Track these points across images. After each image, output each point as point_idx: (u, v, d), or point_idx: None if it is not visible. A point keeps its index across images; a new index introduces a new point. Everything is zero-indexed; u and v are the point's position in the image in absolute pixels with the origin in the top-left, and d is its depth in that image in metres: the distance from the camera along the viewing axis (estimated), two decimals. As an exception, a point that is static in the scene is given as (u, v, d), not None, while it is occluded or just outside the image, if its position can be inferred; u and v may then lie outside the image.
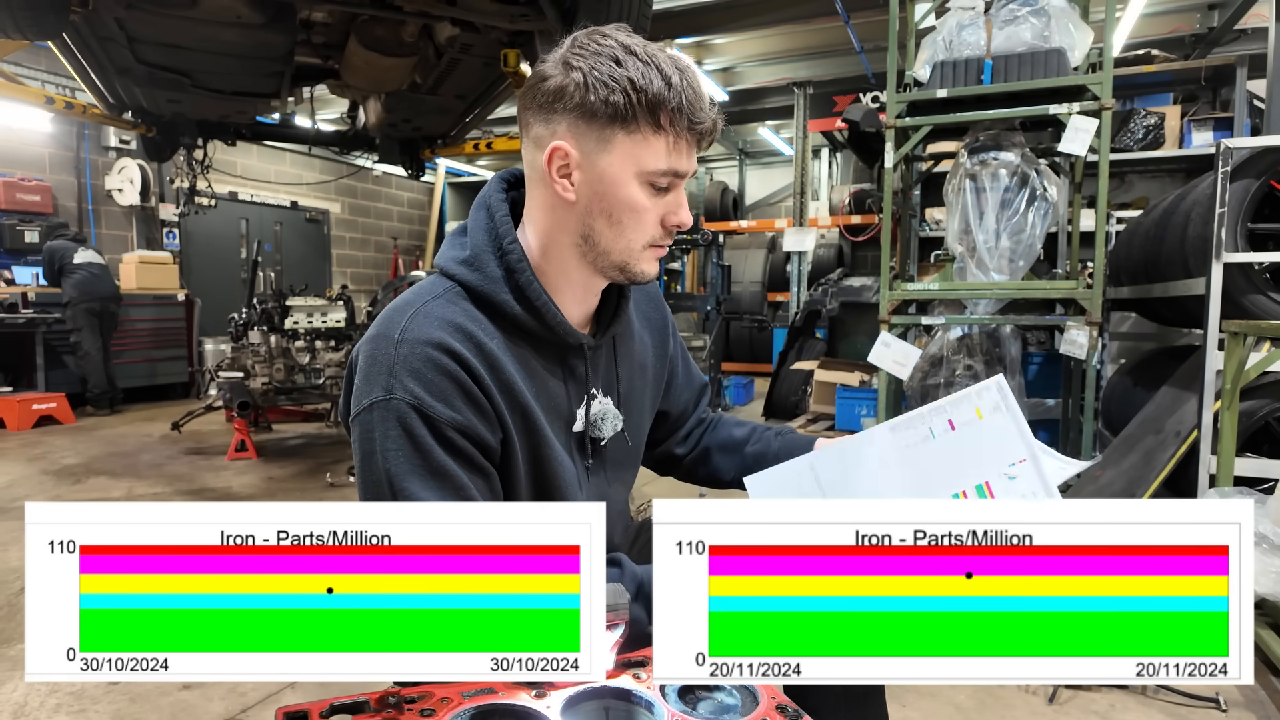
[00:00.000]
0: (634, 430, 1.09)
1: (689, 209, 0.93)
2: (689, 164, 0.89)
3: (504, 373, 0.90)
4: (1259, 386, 2.54)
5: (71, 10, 3.10)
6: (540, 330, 0.94)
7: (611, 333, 1.02)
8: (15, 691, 1.95)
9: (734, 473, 1.20)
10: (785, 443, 1.17)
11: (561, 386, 0.98)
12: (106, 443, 5.30)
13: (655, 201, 0.89)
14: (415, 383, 0.85)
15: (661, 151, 0.87)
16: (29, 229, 6.67)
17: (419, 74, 4.29)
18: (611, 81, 0.84)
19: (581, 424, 1.00)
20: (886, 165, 3.64)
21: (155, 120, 5.05)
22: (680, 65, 0.86)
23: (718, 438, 1.24)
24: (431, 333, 0.87)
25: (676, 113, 0.85)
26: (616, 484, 1.10)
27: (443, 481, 0.86)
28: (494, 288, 0.92)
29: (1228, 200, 2.43)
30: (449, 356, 0.86)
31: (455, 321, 0.89)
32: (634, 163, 0.86)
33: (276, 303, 5.25)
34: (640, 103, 0.84)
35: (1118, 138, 4.96)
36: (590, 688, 0.76)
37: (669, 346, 1.19)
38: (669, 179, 0.88)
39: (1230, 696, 1.92)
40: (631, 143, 0.86)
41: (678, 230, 0.93)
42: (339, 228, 10.45)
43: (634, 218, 0.89)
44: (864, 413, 5.05)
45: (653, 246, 0.92)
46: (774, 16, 5.93)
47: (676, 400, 1.23)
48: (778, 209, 10.77)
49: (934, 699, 1.95)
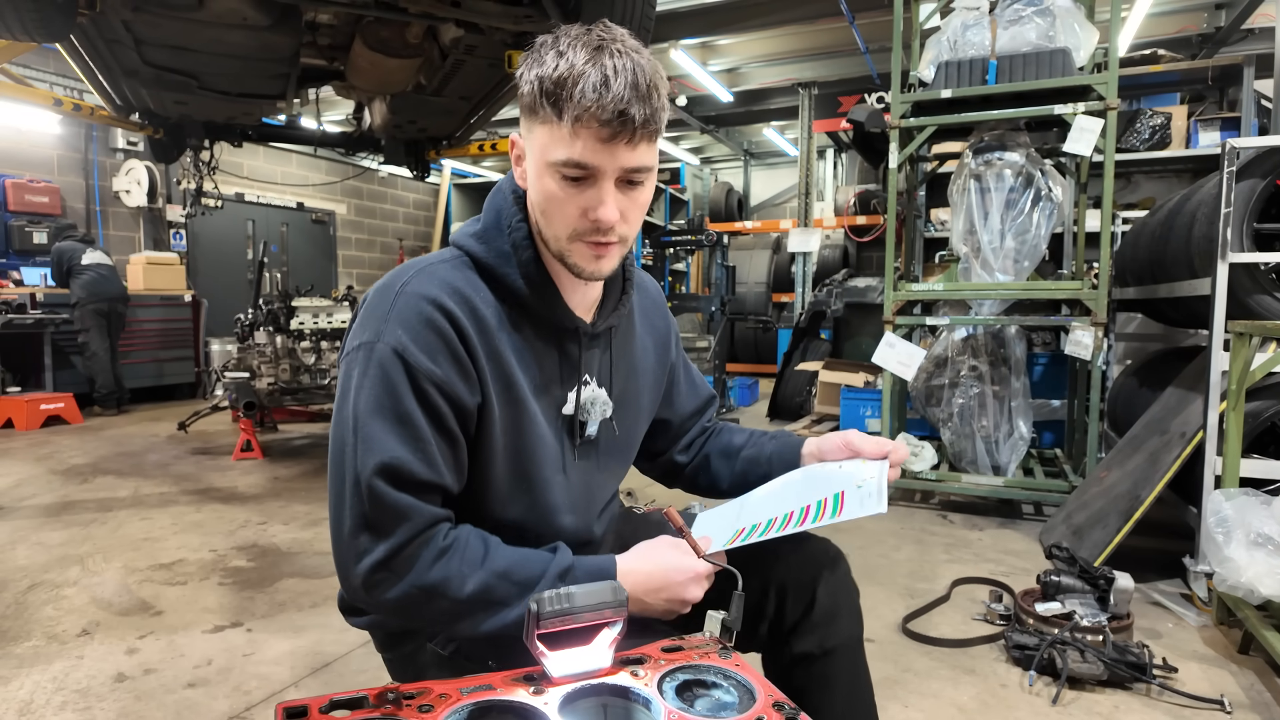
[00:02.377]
0: (624, 424, 1.10)
1: (612, 206, 0.87)
2: (599, 158, 0.84)
3: (494, 340, 0.93)
4: (1265, 387, 2.52)
5: (79, 13, 3.11)
6: (538, 308, 0.96)
7: (609, 323, 1.04)
8: (21, 689, 1.96)
9: (730, 479, 1.22)
10: (779, 445, 1.18)
11: (555, 368, 1.00)
12: (113, 442, 5.33)
13: (571, 193, 0.87)
14: (404, 332, 0.88)
15: (562, 141, 0.85)
16: (37, 230, 6.71)
17: (424, 75, 4.30)
18: (530, 74, 0.87)
19: (571, 407, 1.02)
20: (891, 166, 3.64)
21: (162, 122, 5.07)
22: (612, 55, 0.83)
23: (718, 444, 1.25)
24: (430, 290, 0.91)
25: (571, 101, 0.82)
26: (603, 473, 1.10)
27: (406, 429, 0.87)
28: (498, 261, 0.96)
29: (1233, 200, 2.42)
30: (441, 314, 0.90)
31: (455, 285, 0.93)
32: (543, 152, 0.88)
33: (282, 303, 5.27)
34: (541, 91, 0.85)
35: (1124, 138, 4.94)
36: (589, 685, 0.76)
37: (670, 354, 1.20)
38: (576, 170, 0.86)
39: (1235, 698, 1.91)
40: (543, 132, 0.87)
41: (598, 227, 0.88)
42: (345, 229, 10.48)
43: (553, 207, 0.89)
44: (868, 413, 5.04)
45: (583, 241, 0.90)
46: (779, 17, 5.93)
47: (677, 408, 1.25)
48: (783, 210, 10.76)
49: (936, 699, 1.94)
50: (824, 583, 1.04)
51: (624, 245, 0.94)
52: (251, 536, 3.25)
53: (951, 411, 3.79)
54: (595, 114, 0.82)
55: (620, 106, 0.82)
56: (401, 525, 0.86)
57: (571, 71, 0.82)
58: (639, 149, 0.86)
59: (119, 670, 2.07)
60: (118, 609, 2.49)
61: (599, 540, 1.14)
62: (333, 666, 2.12)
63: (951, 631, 2.33)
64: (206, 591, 2.64)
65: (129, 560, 2.94)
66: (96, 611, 2.47)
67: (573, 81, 0.82)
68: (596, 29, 0.86)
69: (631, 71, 0.82)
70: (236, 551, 3.06)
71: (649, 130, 0.85)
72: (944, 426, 3.86)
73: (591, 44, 0.84)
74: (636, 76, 0.83)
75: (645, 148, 0.87)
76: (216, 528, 3.37)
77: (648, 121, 0.84)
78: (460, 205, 11.59)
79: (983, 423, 3.71)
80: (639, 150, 0.86)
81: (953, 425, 3.79)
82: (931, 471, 3.72)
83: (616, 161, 0.85)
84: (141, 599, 2.57)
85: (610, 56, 0.83)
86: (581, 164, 0.85)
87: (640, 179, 0.89)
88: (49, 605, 2.51)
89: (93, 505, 3.72)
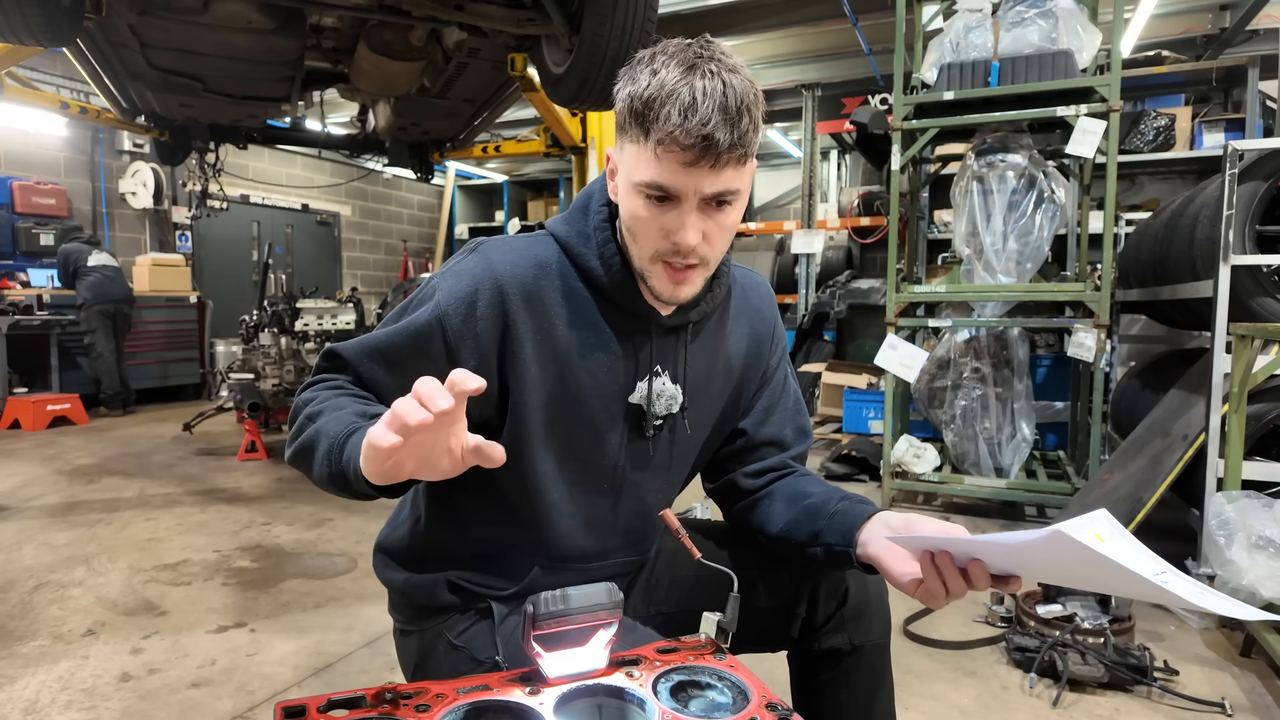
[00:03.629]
0: (696, 422, 1.06)
1: (693, 231, 0.86)
2: (680, 181, 0.83)
3: (551, 315, 0.96)
4: (1267, 390, 2.52)
5: (85, 17, 3.14)
6: (613, 293, 0.97)
7: (688, 318, 1.00)
8: (27, 689, 1.98)
9: (780, 525, 1.04)
10: (842, 508, 0.98)
11: (625, 354, 0.99)
12: (119, 443, 5.36)
13: (654, 213, 0.87)
14: (453, 283, 0.95)
15: (646, 162, 0.84)
16: (44, 232, 6.74)
17: (427, 78, 4.32)
18: (623, 91, 0.87)
19: (639, 396, 1.01)
20: (893, 167, 3.64)
21: (168, 124, 5.10)
22: (704, 75, 0.82)
23: (789, 485, 1.09)
24: (494, 256, 0.96)
25: (656, 123, 0.81)
26: (658, 471, 1.06)
27: (387, 348, 0.95)
28: (577, 241, 0.98)
29: (1235, 202, 2.41)
30: (489, 279, 0.94)
31: (525, 257, 0.97)
32: (630, 171, 0.88)
33: (287, 305, 5.30)
34: (630, 110, 0.85)
35: (1128, 139, 4.93)
36: (584, 685, 0.77)
37: (764, 361, 1.12)
38: (658, 192, 0.85)
39: (1236, 701, 1.91)
40: (631, 151, 0.87)
41: (678, 250, 0.87)
42: (349, 230, 10.51)
43: (637, 226, 0.90)
44: (871, 415, 5.04)
45: (664, 262, 0.89)
46: (782, 19, 5.93)
47: (757, 422, 1.12)
48: (786, 211, 10.75)
49: (937, 701, 1.94)
50: (855, 581, 1.05)
51: (706, 268, 0.92)
52: (255, 537, 3.27)
53: (954, 413, 3.79)
54: (678, 138, 0.80)
55: (704, 131, 0.80)
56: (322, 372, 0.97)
57: (660, 92, 0.81)
58: (724, 173, 0.84)
59: (124, 670, 2.08)
60: (123, 609, 2.51)
61: (638, 561, 1.13)
62: (335, 667, 2.13)
63: (952, 634, 2.33)
64: (211, 592, 2.66)
65: (134, 560, 2.96)
66: (102, 611, 2.48)
67: (660, 103, 0.81)
68: (696, 44, 0.85)
69: (721, 94, 0.80)
70: (240, 552, 3.08)
71: (735, 154, 0.83)
72: (947, 428, 3.86)
73: (685, 62, 0.82)
74: (726, 99, 0.81)
75: (732, 172, 0.84)
76: (221, 528, 3.38)
77: (734, 146, 0.82)
78: (464, 207, 11.62)
79: (985, 425, 3.71)
80: (724, 175, 0.84)
81: (955, 427, 3.79)
82: (934, 473, 3.72)
83: (699, 185, 0.84)
84: (146, 599, 2.59)
85: (701, 77, 0.81)
86: (663, 187, 0.84)
87: (727, 202, 0.87)
88: (55, 605, 2.52)
89: (98, 506, 3.74)
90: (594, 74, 3.12)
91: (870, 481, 4.27)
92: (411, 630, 1.09)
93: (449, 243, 11.60)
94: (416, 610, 1.07)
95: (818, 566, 1.02)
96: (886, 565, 0.87)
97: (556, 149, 5.32)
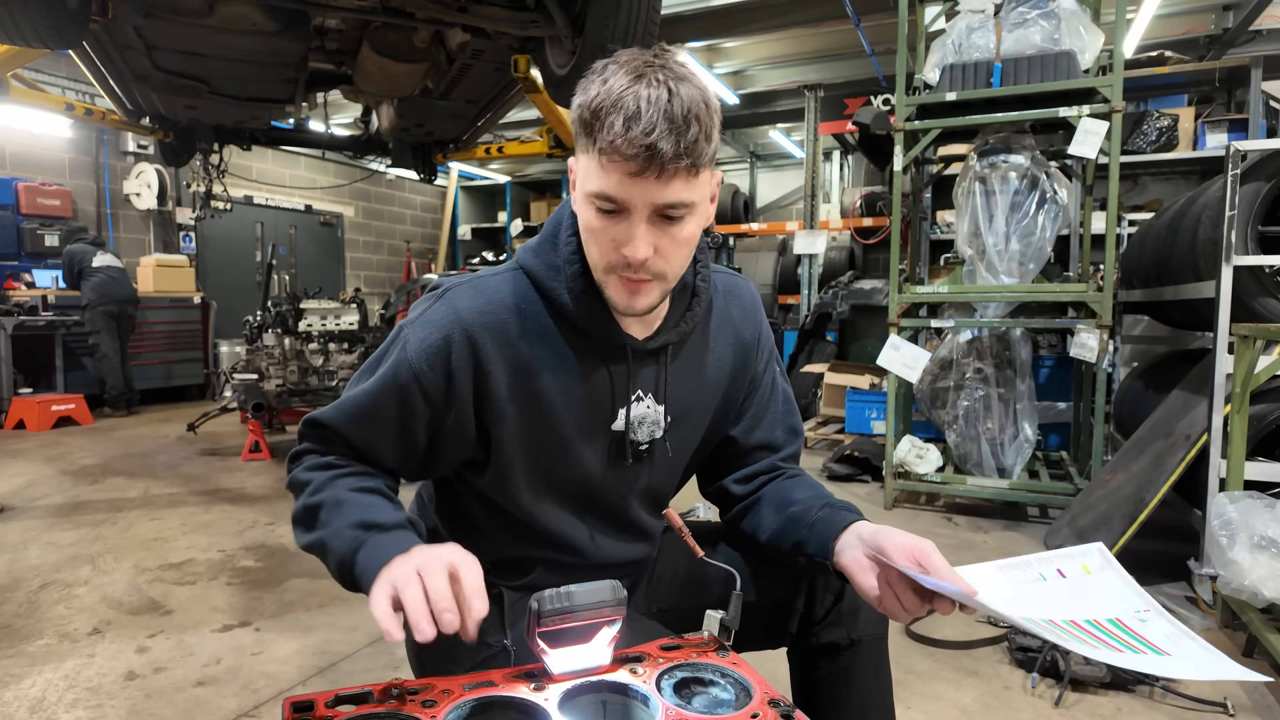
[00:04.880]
0: (680, 443, 1.06)
1: (642, 244, 0.83)
2: (626, 192, 0.81)
3: (524, 353, 0.95)
4: (1269, 390, 2.52)
5: (91, 19, 3.15)
6: (586, 323, 0.95)
7: (666, 340, 0.99)
8: (34, 687, 1.99)
9: (768, 533, 1.04)
10: (822, 517, 0.97)
11: (605, 383, 0.99)
12: (123, 443, 5.38)
13: (605, 225, 0.85)
14: (421, 331, 0.95)
15: (595, 172, 0.83)
16: (49, 233, 6.77)
17: (431, 79, 4.33)
18: (576, 100, 0.86)
19: (621, 423, 1.01)
20: (896, 168, 3.65)
21: (172, 126, 5.12)
22: (650, 83, 0.80)
23: (777, 491, 1.08)
24: (461, 303, 0.95)
25: (603, 132, 0.80)
26: (646, 491, 1.08)
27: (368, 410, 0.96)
28: (548, 274, 0.96)
29: (1238, 203, 2.41)
30: (459, 328, 0.94)
31: (495, 298, 0.96)
32: (583, 181, 0.87)
33: (291, 305, 5.31)
34: (581, 120, 0.84)
35: (1131, 139, 4.93)
36: (588, 682, 0.78)
37: (751, 366, 1.10)
38: (607, 203, 0.83)
39: (1239, 701, 1.91)
40: (584, 161, 0.86)
41: (628, 263, 0.85)
42: (352, 231, 10.53)
43: (590, 237, 0.89)
44: (874, 415, 5.04)
45: (617, 274, 0.87)
46: (785, 20, 5.93)
47: (746, 428, 1.12)
48: (789, 211, 10.75)
49: (939, 701, 1.95)
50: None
51: (663, 281, 0.89)
52: (259, 537, 3.28)
53: (957, 414, 3.79)
54: (620, 148, 0.78)
55: (647, 140, 0.77)
56: (307, 448, 1.00)
57: (606, 101, 0.80)
58: (672, 185, 0.81)
59: (129, 668, 2.10)
60: (128, 608, 2.52)
61: (642, 558, 1.15)
62: (339, 666, 2.14)
63: (954, 633, 2.34)
64: (215, 591, 2.67)
65: (139, 560, 2.97)
66: (107, 610, 2.49)
67: (605, 112, 0.79)
68: (649, 53, 0.83)
69: (666, 102, 0.78)
70: (245, 552, 3.09)
71: (682, 165, 0.80)
72: (949, 429, 3.86)
73: (634, 71, 0.81)
74: (671, 107, 0.78)
75: (681, 183, 0.81)
76: (225, 528, 3.40)
77: (680, 156, 0.79)
78: (467, 208, 11.63)
79: (988, 425, 3.71)
80: (672, 186, 0.81)
81: (958, 428, 3.79)
82: (936, 474, 3.73)
83: (647, 197, 0.81)
84: (151, 598, 2.60)
85: (647, 85, 0.79)
86: (611, 197, 0.82)
87: (677, 215, 0.84)
88: (61, 604, 2.54)
89: (103, 505, 3.76)
90: (597, 75, 3.12)
91: (873, 482, 4.27)
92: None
93: (452, 243, 11.61)
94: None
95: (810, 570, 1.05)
96: (855, 578, 0.89)
97: (559, 150, 5.33)
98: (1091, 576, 0.88)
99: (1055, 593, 0.86)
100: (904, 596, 0.84)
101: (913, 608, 0.84)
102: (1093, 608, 0.83)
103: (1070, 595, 0.85)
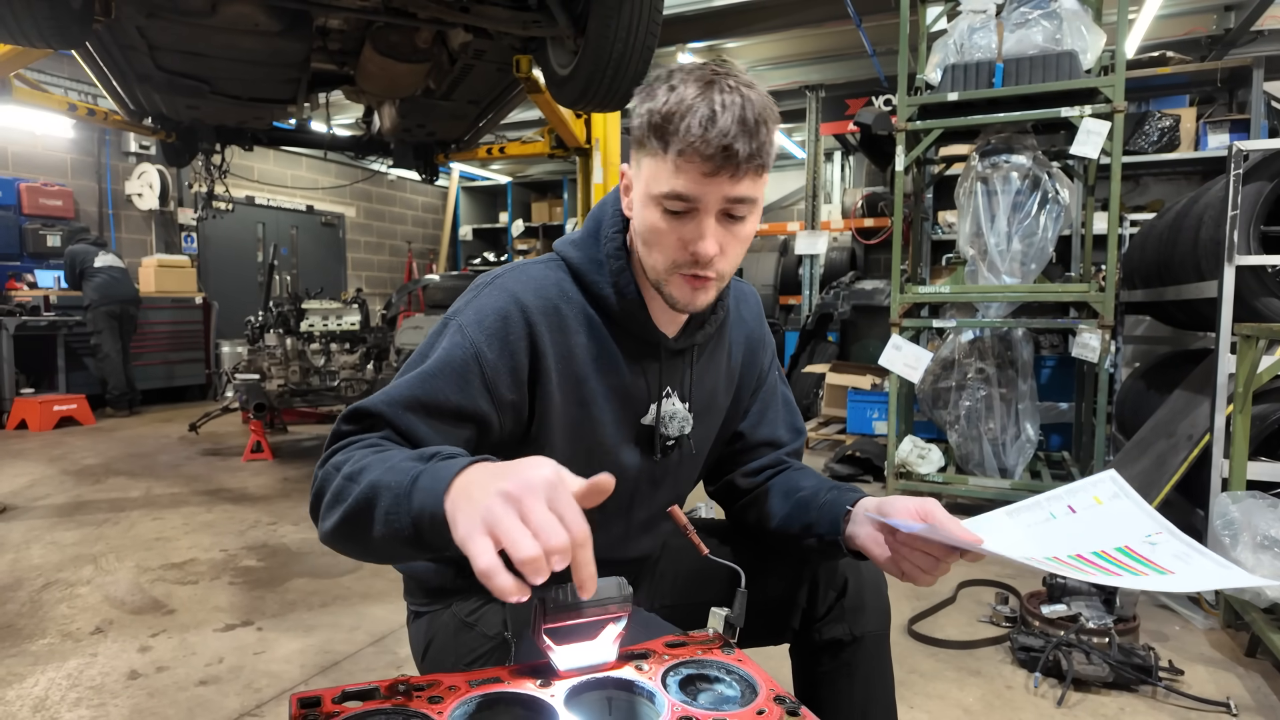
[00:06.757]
0: (700, 439, 1.10)
1: (712, 240, 0.87)
2: (701, 189, 0.85)
3: (571, 341, 0.97)
4: (1272, 390, 2.52)
5: (94, 20, 3.16)
6: (623, 318, 0.98)
7: (694, 340, 1.04)
8: (36, 686, 1.99)
9: (778, 520, 1.07)
10: (830, 498, 1.01)
11: (638, 378, 1.02)
12: (125, 443, 5.38)
13: (673, 225, 0.89)
14: (475, 314, 0.94)
15: (665, 174, 0.86)
16: (51, 233, 6.78)
17: (433, 80, 4.33)
18: (641, 108, 0.89)
19: (651, 418, 1.04)
20: (897, 168, 3.65)
21: (174, 126, 5.12)
22: (722, 90, 0.84)
23: (784, 481, 1.12)
24: (513, 285, 0.96)
25: (676, 135, 0.84)
26: (670, 486, 1.11)
27: (426, 395, 0.89)
28: (590, 267, 0.99)
29: (1240, 203, 2.42)
30: (516, 307, 0.94)
31: (542, 284, 0.97)
32: (648, 184, 0.89)
33: (292, 306, 5.31)
34: (649, 125, 0.87)
35: (1133, 140, 4.93)
36: (594, 678, 0.78)
37: (759, 365, 1.17)
38: (678, 203, 0.87)
39: (1242, 701, 1.91)
40: (649, 165, 0.89)
41: (697, 260, 0.89)
42: (354, 231, 10.54)
43: (654, 238, 0.91)
44: (875, 416, 5.04)
45: (681, 273, 0.91)
46: (786, 20, 5.93)
47: (753, 424, 1.17)
48: (790, 212, 10.75)
49: (942, 700, 1.95)
50: (853, 572, 1.07)
51: (721, 280, 0.93)
52: (262, 537, 3.28)
53: (958, 414, 3.79)
54: (699, 148, 0.83)
55: (724, 142, 0.82)
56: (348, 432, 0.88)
57: (680, 106, 0.83)
58: (742, 183, 0.86)
59: (132, 668, 2.10)
60: (130, 607, 2.52)
61: (647, 555, 1.16)
62: (342, 665, 2.14)
63: (957, 633, 2.34)
64: (218, 591, 2.67)
65: (141, 559, 2.97)
66: (110, 610, 2.50)
67: (680, 116, 0.83)
68: (710, 65, 0.87)
69: (740, 106, 0.83)
70: (247, 551, 3.09)
71: (754, 165, 0.85)
72: (951, 429, 3.86)
73: (703, 79, 0.85)
74: (744, 111, 0.83)
75: (749, 182, 0.86)
76: (227, 528, 3.40)
77: (753, 156, 0.84)
78: (469, 208, 11.64)
79: (990, 425, 3.71)
80: (742, 184, 0.86)
81: (960, 428, 3.79)
82: (938, 474, 3.72)
83: (719, 193, 0.85)
84: (154, 598, 2.60)
85: (720, 92, 0.83)
86: (684, 196, 0.86)
87: (742, 213, 0.89)
88: (63, 604, 2.54)
89: (105, 505, 3.76)
90: (599, 75, 3.12)
91: (874, 482, 4.27)
92: (424, 612, 1.11)
93: (453, 244, 11.62)
94: (431, 592, 1.10)
95: (815, 558, 1.06)
96: (868, 549, 0.93)
97: (561, 150, 5.33)
98: (1103, 507, 0.90)
99: (1064, 529, 0.89)
100: (915, 557, 0.88)
101: (928, 566, 0.88)
102: (1101, 538, 0.86)
103: (1080, 529, 0.88)
